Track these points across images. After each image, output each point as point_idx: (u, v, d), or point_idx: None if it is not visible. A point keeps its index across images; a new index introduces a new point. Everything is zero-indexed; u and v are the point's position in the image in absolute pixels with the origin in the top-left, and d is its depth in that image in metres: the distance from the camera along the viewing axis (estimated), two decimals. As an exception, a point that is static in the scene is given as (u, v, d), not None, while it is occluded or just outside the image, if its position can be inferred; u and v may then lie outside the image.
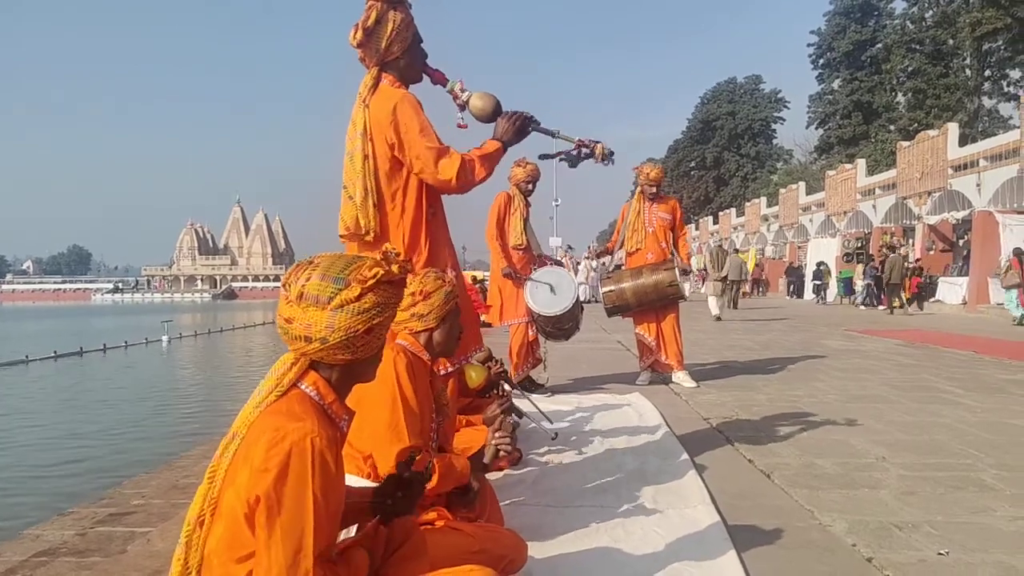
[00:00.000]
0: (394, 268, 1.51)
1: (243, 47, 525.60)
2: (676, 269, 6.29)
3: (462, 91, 2.95)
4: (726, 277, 18.27)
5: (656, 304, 6.38)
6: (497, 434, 2.26)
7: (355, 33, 2.85)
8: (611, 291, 6.47)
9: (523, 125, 2.95)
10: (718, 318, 15.82)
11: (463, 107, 2.97)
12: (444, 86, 3.01)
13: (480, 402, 3.63)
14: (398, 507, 1.68)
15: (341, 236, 2.93)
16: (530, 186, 6.21)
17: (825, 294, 26.40)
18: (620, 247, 6.76)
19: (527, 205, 6.23)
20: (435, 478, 2.09)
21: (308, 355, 1.50)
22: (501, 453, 2.26)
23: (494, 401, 3.15)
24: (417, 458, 1.73)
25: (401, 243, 2.87)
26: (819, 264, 27.39)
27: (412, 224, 2.91)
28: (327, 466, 1.39)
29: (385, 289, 1.50)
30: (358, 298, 1.46)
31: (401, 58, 2.89)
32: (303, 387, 1.50)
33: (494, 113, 2.96)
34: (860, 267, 24.30)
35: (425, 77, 3.02)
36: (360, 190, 2.83)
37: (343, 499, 1.54)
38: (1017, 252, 16.02)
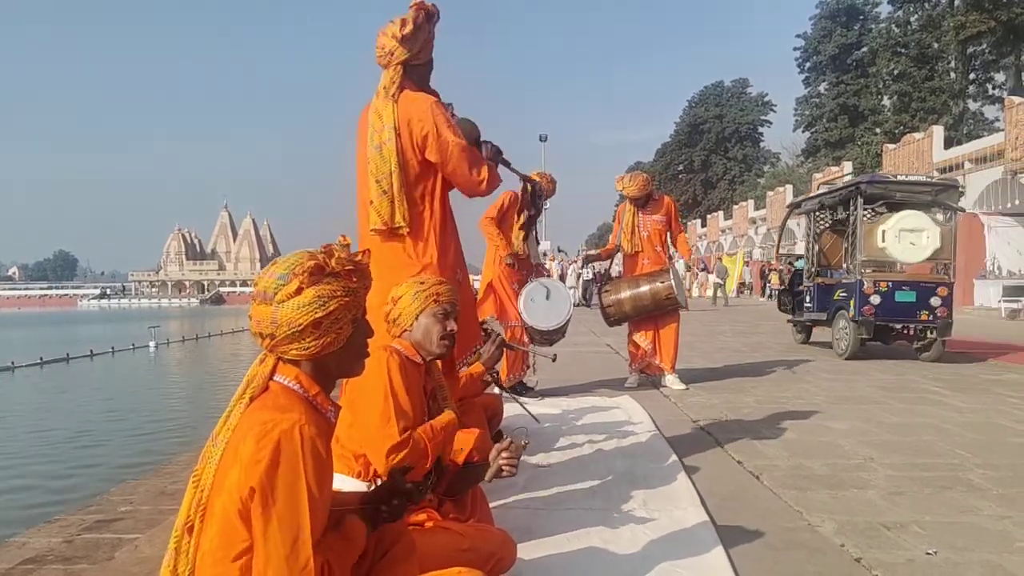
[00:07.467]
0: (331, 262, 1.50)
1: (232, 51, 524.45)
2: (672, 280, 6.24)
3: (452, 116, 3.06)
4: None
5: (654, 313, 6.40)
6: (505, 454, 2.16)
7: (403, 26, 2.90)
8: (610, 304, 6.47)
9: (494, 155, 3.19)
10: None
11: None
12: None
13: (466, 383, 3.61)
14: (390, 514, 1.68)
15: (373, 230, 2.90)
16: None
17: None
18: (619, 250, 6.78)
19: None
20: (429, 460, 2.12)
21: (270, 350, 1.51)
22: (503, 473, 2.17)
23: (486, 342, 3.16)
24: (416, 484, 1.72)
25: (435, 242, 2.93)
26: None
27: (440, 224, 2.97)
28: (318, 454, 1.39)
29: (328, 282, 1.48)
30: (296, 292, 1.46)
31: (423, 66, 3.02)
32: (285, 381, 1.50)
33: (475, 141, 3.12)
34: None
35: None
36: (397, 183, 2.87)
37: (332, 488, 1.54)
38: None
